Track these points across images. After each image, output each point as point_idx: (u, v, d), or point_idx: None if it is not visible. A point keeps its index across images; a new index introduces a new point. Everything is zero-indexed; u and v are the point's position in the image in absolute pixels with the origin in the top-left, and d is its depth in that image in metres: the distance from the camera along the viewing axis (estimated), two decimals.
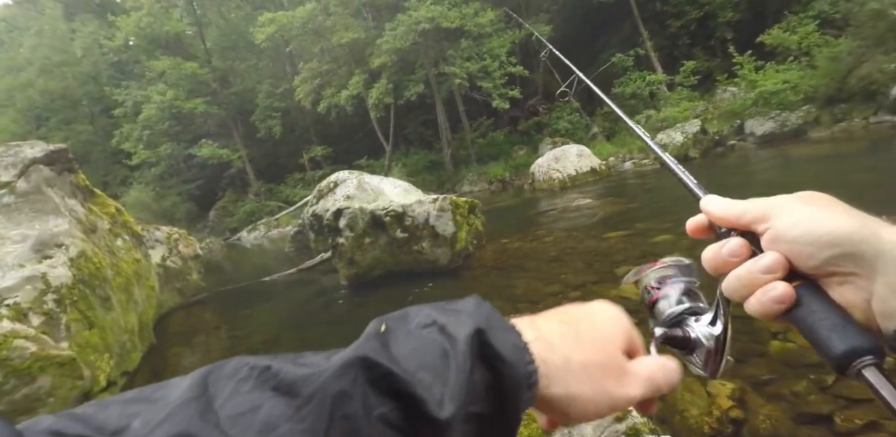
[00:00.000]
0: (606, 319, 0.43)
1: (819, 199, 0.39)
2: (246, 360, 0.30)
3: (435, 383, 0.30)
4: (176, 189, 23.24)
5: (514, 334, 0.35)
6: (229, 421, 0.26)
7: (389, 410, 0.29)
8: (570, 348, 0.38)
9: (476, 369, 0.32)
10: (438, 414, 0.29)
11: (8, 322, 2.94)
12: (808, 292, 0.37)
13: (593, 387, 0.37)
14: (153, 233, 7.15)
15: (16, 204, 3.90)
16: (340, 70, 19.22)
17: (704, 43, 16.65)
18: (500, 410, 0.33)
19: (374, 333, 0.33)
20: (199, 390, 0.28)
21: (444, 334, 0.33)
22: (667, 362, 0.42)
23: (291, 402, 0.28)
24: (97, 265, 4.04)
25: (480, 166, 17.81)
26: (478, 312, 0.36)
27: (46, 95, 23.79)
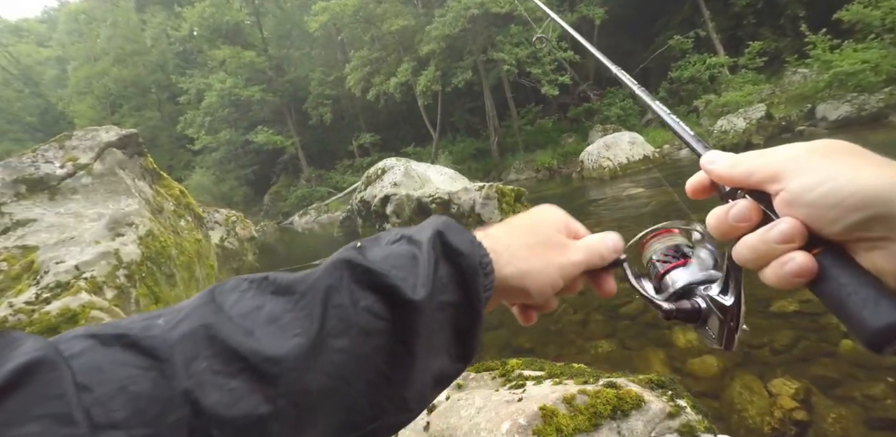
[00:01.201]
0: (540, 211, 0.50)
1: (840, 149, 0.34)
2: (244, 276, 0.35)
3: (408, 276, 0.35)
4: (234, 174, 24.40)
5: (468, 234, 0.41)
6: (240, 317, 0.30)
7: (373, 302, 0.33)
8: (511, 236, 0.45)
9: (440, 263, 0.37)
10: (413, 296, 0.34)
11: (86, 294, 3.21)
12: (832, 260, 0.32)
13: (538, 260, 0.43)
14: (213, 215, 7.56)
15: (92, 185, 4.22)
16: (389, 58, 19.34)
17: (773, 22, 15.42)
18: (466, 296, 0.37)
19: (350, 246, 0.38)
20: (208, 298, 0.32)
21: (411, 242, 0.39)
22: (606, 233, 0.48)
23: (290, 298, 0.32)
24: (163, 244, 4.32)
25: (527, 154, 17.52)
26: (437, 220, 0.42)
27: (120, 83, 25.46)
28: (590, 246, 0.47)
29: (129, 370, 0.26)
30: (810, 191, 0.32)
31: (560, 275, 0.44)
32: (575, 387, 1.24)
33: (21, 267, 3.36)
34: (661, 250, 0.48)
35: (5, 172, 3.91)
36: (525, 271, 0.42)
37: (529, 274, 0.42)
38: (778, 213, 0.34)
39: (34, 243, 3.52)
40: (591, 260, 0.46)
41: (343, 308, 0.32)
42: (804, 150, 0.34)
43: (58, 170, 4.13)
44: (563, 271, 0.44)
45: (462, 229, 0.41)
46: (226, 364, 0.28)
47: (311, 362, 0.30)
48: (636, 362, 2.60)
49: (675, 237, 0.48)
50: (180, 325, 0.29)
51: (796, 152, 0.34)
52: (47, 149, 4.31)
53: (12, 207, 3.77)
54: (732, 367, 2.33)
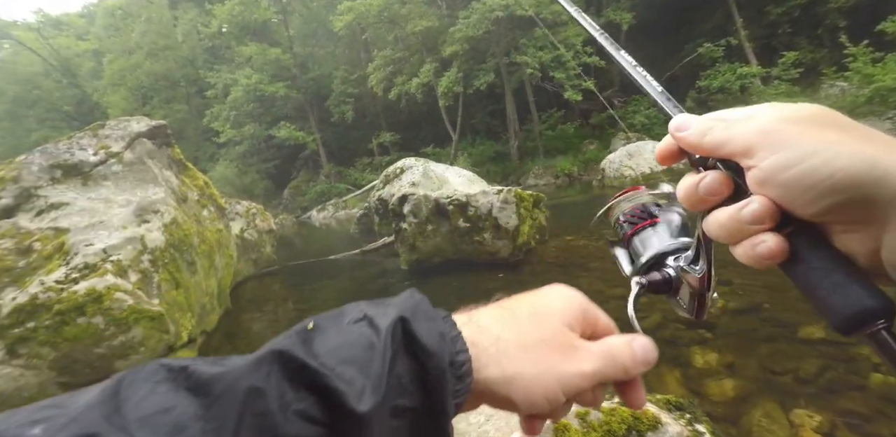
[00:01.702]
0: (549, 296, 0.40)
1: (820, 119, 0.31)
2: (164, 362, 0.29)
3: (357, 376, 0.29)
4: (256, 167, 24.79)
5: (441, 323, 0.33)
6: (138, 423, 0.25)
7: (308, 405, 0.28)
8: (503, 327, 0.36)
9: (399, 359, 0.31)
10: (358, 407, 0.28)
11: (111, 276, 3.30)
12: (804, 241, 0.31)
13: (534, 364, 0.34)
14: (234, 206, 7.69)
15: (122, 172, 4.34)
16: (412, 58, 19.43)
17: (810, 32, 14.99)
18: (429, 402, 0.31)
19: (298, 329, 0.32)
20: (109, 393, 0.27)
21: (372, 327, 0.32)
22: (636, 337, 0.38)
23: (203, 401, 0.26)
24: (186, 232, 4.41)
25: (547, 159, 17.41)
26: (406, 301, 0.34)
27: (151, 76, 26.10)
28: (610, 354, 0.36)
29: None
30: (783, 171, 0.29)
31: (561, 387, 0.34)
32: None
33: (53, 248, 3.47)
34: (627, 209, 0.45)
35: (43, 158, 4.05)
36: (512, 376, 0.34)
37: (518, 381, 0.34)
38: (750, 189, 0.32)
39: (66, 226, 3.63)
40: (607, 373, 0.36)
41: (268, 416, 0.26)
42: (780, 119, 0.31)
43: (91, 157, 4.25)
44: (567, 383, 0.34)
45: (434, 315, 0.34)
46: None
47: None
48: (650, 380, 2.55)
49: (642, 196, 0.46)
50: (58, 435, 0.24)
51: (770, 123, 0.31)
52: (82, 137, 4.45)
53: (48, 190, 3.90)
54: (753, 392, 2.26)
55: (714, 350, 2.71)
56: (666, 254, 0.42)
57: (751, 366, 2.51)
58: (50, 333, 3.02)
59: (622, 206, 0.45)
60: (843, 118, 0.31)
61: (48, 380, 3.03)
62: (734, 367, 2.53)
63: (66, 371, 3.07)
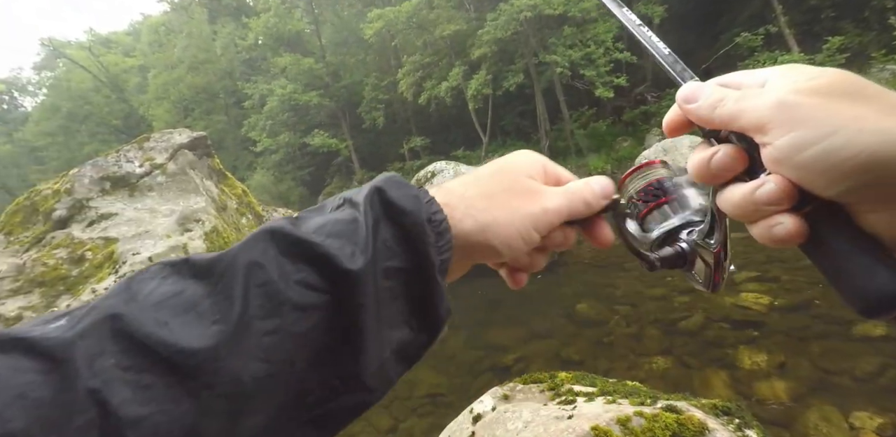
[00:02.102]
0: (509, 157, 0.43)
1: (842, 89, 0.27)
2: (166, 260, 0.31)
3: (346, 244, 0.31)
4: (291, 175, 25.47)
5: (412, 188, 0.35)
6: (154, 306, 0.27)
7: (307, 274, 0.29)
8: (469, 186, 0.39)
9: (381, 224, 0.33)
10: (351, 266, 0.30)
11: None
12: (825, 222, 0.28)
13: (502, 209, 0.37)
14: (272, 213, 7.91)
15: (166, 183, 4.53)
16: (441, 62, 19.53)
17: (855, 15, 14.12)
18: (416, 259, 0.33)
19: (285, 217, 0.34)
20: (122, 288, 0.29)
21: (352, 205, 0.35)
22: (592, 177, 0.41)
23: (208, 281, 0.29)
24: (226, 240, 4.56)
25: (579, 158, 17.10)
26: (379, 178, 0.36)
27: (192, 89, 27.28)
28: (571, 191, 0.40)
29: (28, 375, 0.23)
30: (800, 151, 0.27)
31: (532, 225, 0.38)
32: (630, 408, 1.17)
33: (103, 257, 3.65)
34: (641, 186, 0.43)
35: (94, 170, 4.28)
36: (486, 223, 0.36)
37: (492, 227, 0.37)
38: (766, 166, 0.30)
39: (115, 235, 3.82)
40: (572, 207, 0.39)
41: (270, 285, 0.29)
42: (796, 90, 0.28)
43: (137, 169, 4.47)
44: (536, 220, 0.38)
45: (405, 183, 0.36)
46: (136, 359, 0.25)
47: (235, 349, 0.27)
48: (695, 383, 2.45)
49: (657, 170, 0.43)
50: (84, 320, 0.26)
51: (786, 95, 0.28)
52: (129, 150, 4.68)
53: (98, 201, 4.12)
54: (806, 394, 2.14)
55: (763, 350, 2.59)
56: (679, 228, 0.41)
57: (803, 366, 2.38)
58: None
59: (635, 183, 0.44)
60: (868, 85, 0.28)
61: None
62: (785, 367, 2.41)
63: None
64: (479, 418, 1.42)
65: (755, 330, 2.85)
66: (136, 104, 31.51)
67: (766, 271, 3.56)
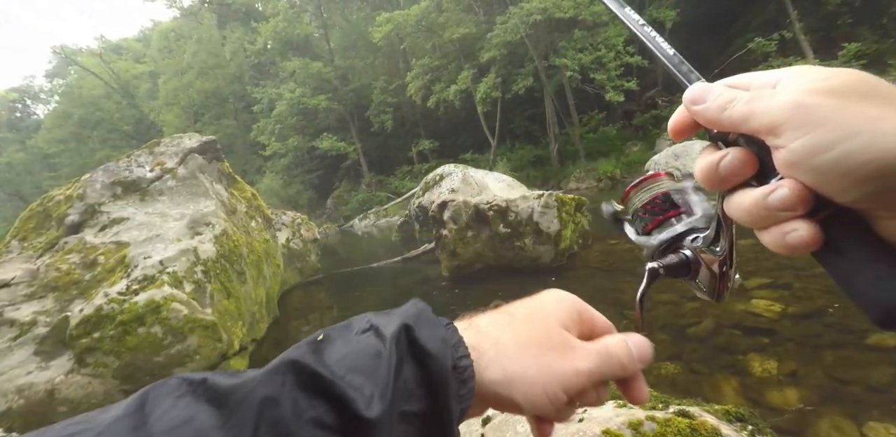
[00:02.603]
0: (544, 299, 0.41)
1: (859, 90, 0.26)
2: (185, 376, 0.30)
3: (366, 383, 0.30)
4: (300, 178, 25.67)
5: (443, 329, 0.34)
6: (162, 435, 0.26)
7: (321, 413, 0.29)
8: (501, 330, 0.37)
9: (405, 365, 0.32)
10: (367, 413, 0.29)
11: (168, 287, 3.48)
12: (841, 228, 0.27)
13: (532, 363, 0.35)
14: (280, 217, 7.97)
15: (176, 187, 4.58)
16: (450, 65, 19.60)
17: (873, 21, 13.99)
18: (435, 406, 0.32)
19: (309, 341, 0.33)
20: (135, 408, 0.28)
21: (378, 336, 0.33)
22: (631, 335, 0.39)
23: (222, 411, 0.28)
24: (235, 243, 4.60)
25: (589, 163, 17.04)
26: (408, 310, 0.35)
27: (202, 94, 27.66)
28: (606, 352, 0.37)
29: None
30: (816, 155, 0.26)
31: (560, 386, 0.35)
32: (642, 412, 1.16)
33: (115, 261, 3.69)
34: (647, 199, 0.42)
35: (105, 176, 4.34)
36: (512, 376, 0.35)
37: (519, 381, 0.35)
38: (778, 170, 0.28)
39: (126, 240, 3.86)
40: (605, 371, 0.36)
41: (282, 425, 0.28)
42: (811, 90, 0.27)
43: (148, 173, 4.52)
44: (566, 381, 0.35)
45: (435, 322, 0.35)
46: None
47: None
48: (705, 389, 2.42)
49: (663, 182, 0.43)
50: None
51: (800, 96, 0.27)
52: (139, 155, 4.74)
53: (110, 206, 4.17)
54: (818, 402, 2.10)
55: (774, 358, 2.55)
56: (682, 234, 0.40)
57: (815, 374, 2.34)
58: (114, 342, 3.20)
59: (640, 196, 0.43)
60: (886, 86, 0.27)
61: (113, 388, 3.21)
62: (797, 375, 2.37)
63: (128, 379, 3.25)
64: (489, 420, 1.41)
65: (766, 337, 2.81)
66: (147, 110, 31.99)
67: (778, 278, 3.52)
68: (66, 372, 3.15)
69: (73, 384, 3.12)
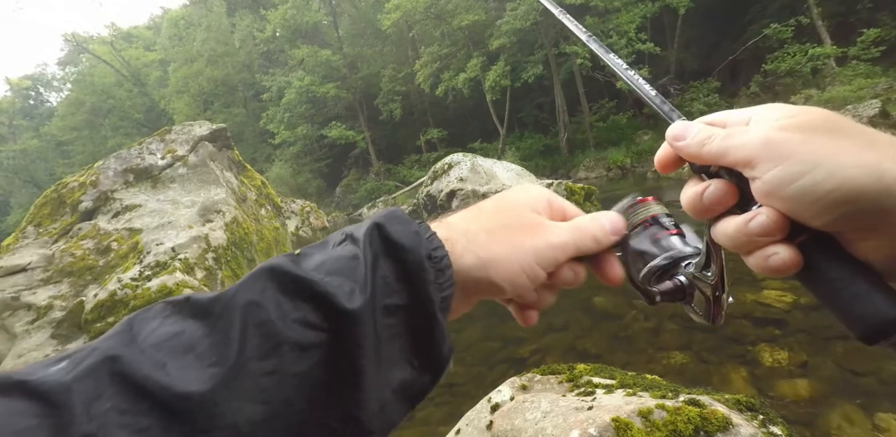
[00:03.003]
0: (513, 191, 0.42)
1: (821, 125, 0.29)
2: (168, 299, 0.31)
3: (345, 281, 0.31)
4: (309, 167, 25.71)
5: (412, 224, 0.35)
6: (153, 348, 0.27)
7: (305, 313, 0.29)
8: (470, 220, 0.38)
9: (380, 261, 0.33)
10: (349, 305, 0.30)
11: (180, 274, 3.53)
12: (819, 250, 0.30)
13: (505, 245, 0.36)
14: (290, 205, 8.01)
15: (188, 174, 4.61)
16: (459, 53, 19.39)
17: (893, 6, 13.58)
18: (416, 296, 0.32)
19: (286, 254, 0.34)
20: (123, 329, 0.29)
21: (353, 241, 0.34)
22: (601, 212, 0.41)
23: (207, 321, 0.29)
24: (246, 231, 4.63)
25: (598, 152, 16.87)
26: (380, 212, 0.36)
27: (212, 82, 27.64)
28: (579, 227, 0.39)
29: (26, 420, 0.23)
30: (787, 184, 0.29)
31: (535, 260, 0.37)
32: (652, 401, 1.16)
33: (128, 247, 3.74)
34: (638, 222, 0.44)
35: (118, 163, 4.38)
36: (487, 258, 0.36)
37: (494, 262, 0.36)
38: (756, 198, 0.31)
39: (139, 226, 3.91)
40: (580, 243, 0.38)
41: (268, 325, 0.29)
42: (780, 127, 0.30)
43: (159, 161, 4.55)
44: (540, 255, 0.37)
45: (406, 219, 0.36)
46: (133, 402, 0.25)
47: (232, 392, 0.26)
48: (714, 379, 2.42)
49: (651, 206, 0.44)
50: (83, 362, 0.26)
51: (770, 132, 0.30)
52: (151, 142, 4.77)
53: (122, 193, 4.21)
54: (829, 394, 2.09)
55: (784, 348, 2.54)
56: (676, 261, 0.41)
57: (826, 366, 2.33)
58: None
59: (631, 220, 0.44)
60: (847, 122, 0.30)
61: None
62: (808, 366, 2.36)
63: None
64: (498, 407, 1.43)
65: (777, 328, 2.79)
66: (158, 98, 32.09)
67: None
68: None
69: None
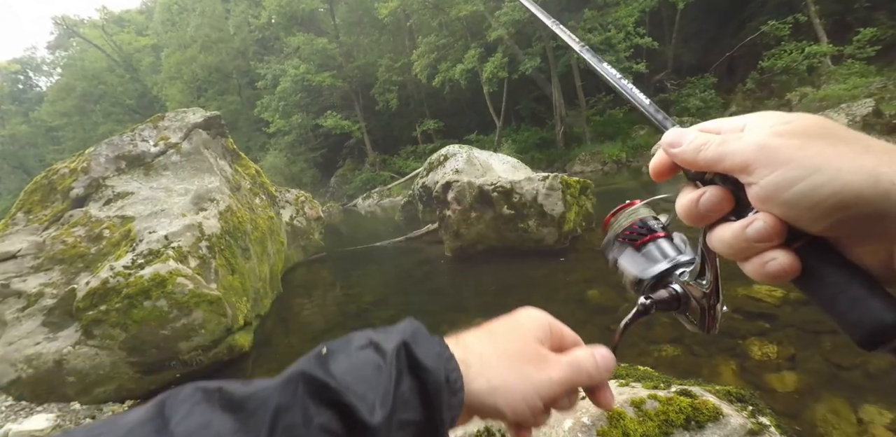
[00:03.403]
0: (521, 317, 0.45)
1: (817, 131, 0.29)
2: (199, 384, 0.33)
3: (368, 393, 0.33)
4: (304, 156, 25.55)
5: (436, 345, 0.38)
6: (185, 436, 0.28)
7: (328, 419, 0.31)
8: (484, 345, 0.41)
9: (403, 377, 0.35)
10: (370, 419, 0.32)
11: (173, 262, 3.50)
12: (816, 256, 0.30)
13: (512, 374, 0.39)
14: (284, 195, 7.96)
15: (181, 162, 4.56)
16: (457, 44, 19.23)
17: (891, 5, 13.57)
18: (429, 415, 0.35)
19: (315, 354, 0.36)
20: (155, 412, 0.30)
21: (378, 351, 0.37)
22: (597, 349, 0.43)
23: (239, 417, 0.30)
24: (240, 219, 4.60)
25: (594, 145, 16.87)
26: (406, 328, 0.39)
27: (206, 69, 27.28)
28: (576, 363, 0.42)
29: None
30: (785, 189, 0.29)
31: (537, 394, 0.39)
32: (644, 391, 1.18)
33: (120, 235, 3.71)
34: (626, 225, 0.44)
35: (109, 150, 4.32)
36: (496, 386, 0.39)
37: (501, 390, 0.39)
38: (752, 204, 0.31)
39: (131, 214, 3.87)
40: (574, 380, 0.41)
41: (294, 429, 0.30)
42: (776, 133, 0.30)
43: (152, 148, 4.50)
44: (542, 389, 0.39)
45: (430, 339, 0.39)
46: None
47: None
48: (704, 372, 2.46)
49: (639, 210, 0.44)
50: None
51: (766, 138, 0.30)
52: (143, 129, 4.71)
53: (114, 180, 4.16)
54: (816, 387, 2.13)
55: (773, 342, 2.59)
56: (669, 270, 0.42)
57: (814, 359, 2.37)
58: (120, 315, 3.25)
59: (620, 223, 0.45)
60: (841, 129, 0.30)
61: (120, 360, 3.27)
62: (796, 360, 2.41)
63: (135, 352, 3.31)
64: None
65: (767, 322, 2.83)
66: (150, 84, 31.62)
67: None
68: (74, 343, 3.21)
69: (80, 355, 3.18)
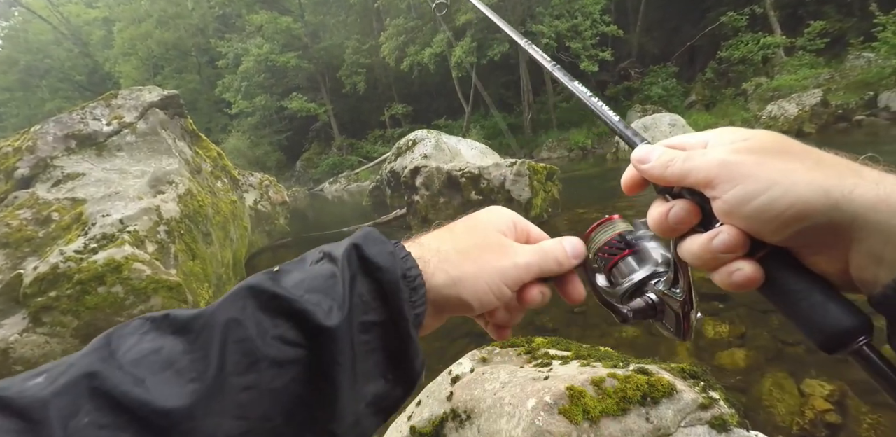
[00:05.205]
0: (481, 214, 0.45)
1: (773, 148, 0.32)
2: (148, 315, 0.32)
3: (323, 299, 0.32)
4: (268, 139, 24.77)
5: (388, 244, 0.37)
6: (132, 364, 0.27)
7: (284, 330, 0.30)
8: (441, 240, 0.40)
9: (358, 280, 0.34)
10: (326, 322, 0.31)
11: (129, 247, 3.36)
12: (778, 265, 0.32)
13: (474, 264, 0.39)
14: (248, 178, 7.72)
15: (136, 143, 4.35)
16: (426, 27, 18.90)
17: (839, 0, 14.23)
18: (391, 314, 0.34)
19: (264, 272, 0.35)
20: (101, 344, 0.29)
21: (331, 260, 0.36)
22: (564, 237, 0.43)
23: (187, 338, 0.30)
24: (200, 203, 4.45)
25: (561, 132, 17.11)
26: (357, 233, 0.38)
27: (162, 45, 25.82)
28: (544, 250, 0.42)
29: (2, 435, 0.23)
30: (746, 203, 0.31)
31: (501, 280, 0.39)
32: (604, 370, 1.23)
33: (71, 218, 3.52)
34: (605, 239, 0.45)
35: (57, 128, 4.06)
36: (457, 277, 0.38)
37: (463, 280, 0.38)
38: (717, 217, 0.33)
39: (83, 196, 3.67)
40: (543, 265, 0.41)
41: (247, 341, 0.29)
42: (735, 150, 0.32)
43: (105, 127, 4.26)
44: (506, 275, 0.39)
45: (382, 239, 0.37)
46: (112, 418, 0.25)
47: (211, 407, 0.27)
48: (662, 350, 2.58)
49: (617, 224, 0.46)
50: (61, 377, 0.26)
51: (727, 155, 0.32)
52: (95, 107, 4.44)
53: (63, 160, 3.93)
54: (763, 363, 2.28)
55: (726, 321, 2.73)
56: (645, 279, 0.43)
57: (762, 337, 2.52)
58: (72, 302, 3.10)
59: (599, 237, 0.46)
60: (796, 144, 0.32)
61: (72, 348, 3.14)
62: (745, 338, 2.55)
63: (88, 339, 3.15)
64: (458, 379, 1.46)
65: (720, 303, 2.98)
66: (102, 60, 29.67)
67: None
68: (21, 331, 3.05)
69: (28, 343, 3.03)
